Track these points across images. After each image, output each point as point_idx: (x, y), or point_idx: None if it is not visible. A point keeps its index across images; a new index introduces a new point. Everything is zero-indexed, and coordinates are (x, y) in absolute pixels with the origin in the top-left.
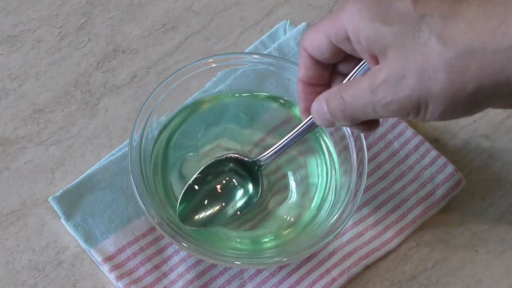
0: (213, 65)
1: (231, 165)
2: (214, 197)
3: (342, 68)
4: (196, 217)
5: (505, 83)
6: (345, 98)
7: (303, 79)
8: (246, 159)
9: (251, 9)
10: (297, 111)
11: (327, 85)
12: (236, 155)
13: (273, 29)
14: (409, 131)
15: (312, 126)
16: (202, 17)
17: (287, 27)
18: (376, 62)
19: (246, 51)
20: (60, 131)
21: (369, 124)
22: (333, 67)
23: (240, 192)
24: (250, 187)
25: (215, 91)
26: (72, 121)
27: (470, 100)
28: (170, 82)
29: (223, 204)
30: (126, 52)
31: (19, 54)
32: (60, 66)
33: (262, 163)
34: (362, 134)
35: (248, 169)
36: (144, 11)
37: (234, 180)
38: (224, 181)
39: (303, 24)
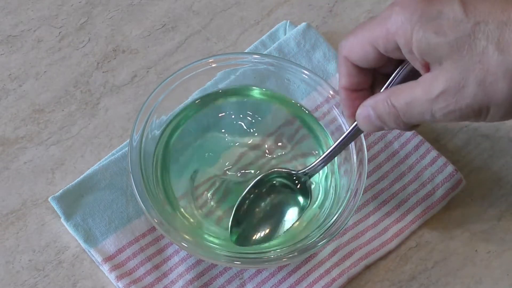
0: (213, 65)
1: (277, 179)
2: (265, 214)
3: (383, 69)
4: (251, 237)
5: None
6: (396, 105)
7: (347, 87)
8: (293, 171)
9: (251, 9)
10: (297, 111)
11: (370, 88)
12: (281, 169)
13: (273, 29)
14: (409, 131)
15: (358, 132)
16: (202, 17)
17: (287, 27)
18: (427, 69)
19: (246, 51)
20: (60, 131)
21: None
22: (374, 69)
23: (289, 205)
24: (300, 198)
25: (215, 89)
26: (72, 121)
27: None
28: (170, 82)
29: (276, 219)
30: (126, 52)
31: (19, 54)
32: (60, 66)
33: (309, 173)
34: (362, 134)
35: (294, 181)
36: (144, 11)
37: (282, 194)
38: (272, 197)
39: (303, 24)
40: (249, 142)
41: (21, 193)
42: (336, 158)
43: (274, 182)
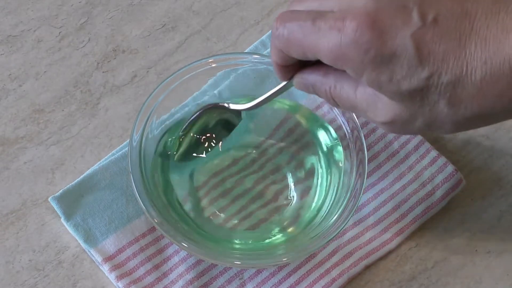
0: (213, 65)
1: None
2: (200, 131)
3: None
4: (181, 149)
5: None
6: (337, 101)
7: (279, 64)
8: (226, 105)
9: (251, 9)
10: (295, 110)
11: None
12: (218, 104)
13: None
14: None
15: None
16: (202, 17)
17: None
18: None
19: (246, 51)
20: (60, 131)
21: None
22: None
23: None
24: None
25: (215, 92)
26: (72, 121)
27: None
28: (170, 82)
29: (208, 135)
30: (126, 52)
31: (19, 54)
32: (60, 66)
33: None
34: (362, 134)
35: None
36: (144, 11)
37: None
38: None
39: None
40: (249, 141)
41: (21, 193)
42: (335, 158)
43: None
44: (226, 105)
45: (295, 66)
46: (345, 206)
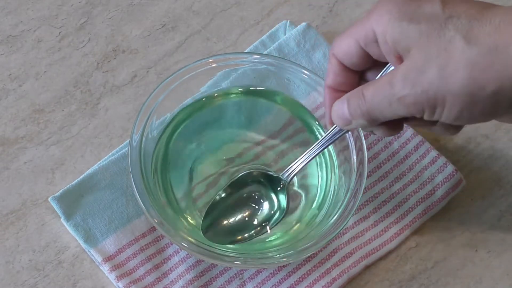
0: (213, 65)
1: (256, 179)
2: (240, 212)
3: (370, 76)
4: (222, 232)
5: None
6: (365, 94)
7: (331, 85)
8: (271, 173)
9: (251, 9)
10: (297, 110)
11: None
12: (261, 170)
13: (273, 29)
14: (409, 131)
15: (336, 135)
16: (202, 17)
17: (287, 27)
18: (401, 62)
19: (246, 51)
20: (60, 131)
21: (391, 127)
22: (361, 74)
23: (266, 207)
24: (275, 202)
25: (217, 88)
26: (72, 121)
27: (489, 102)
28: (170, 82)
29: (250, 219)
30: (126, 52)
31: (19, 54)
32: (60, 66)
33: (287, 179)
34: (362, 134)
35: (272, 183)
36: (144, 11)
37: (260, 194)
38: (250, 195)
39: (303, 24)
40: (248, 142)
41: (21, 193)
42: (336, 158)
43: (252, 182)
44: (270, 172)
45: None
46: (345, 206)
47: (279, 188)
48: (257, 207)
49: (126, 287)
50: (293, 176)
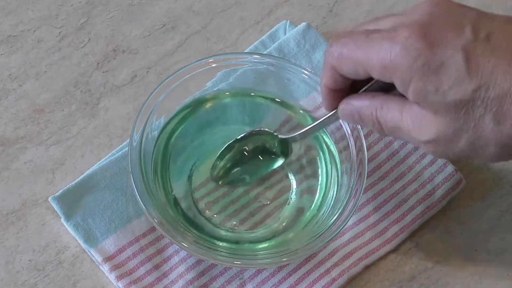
0: (213, 65)
1: (262, 137)
2: (242, 157)
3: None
4: (226, 174)
5: None
6: (382, 122)
7: (329, 87)
8: (276, 133)
9: (251, 9)
10: (295, 110)
11: (351, 88)
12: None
13: (273, 29)
14: None
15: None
16: (202, 17)
17: (287, 27)
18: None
19: (246, 51)
20: (60, 131)
21: None
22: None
23: (265, 155)
24: (277, 153)
25: (214, 89)
26: (72, 121)
27: None
28: (170, 82)
29: (250, 163)
30: (126, 52)
31: (19, 54)
32: (60, 66)
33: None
34: (362, 134)
35: (277, 144)
36: (144, 11)
37: (262, 145)
38: (252, 147)
39: (303, 24)
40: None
41: (21, 193)
42: (336, 158)
43: (258, 139)
44: (274, 132)
45: (342, 93)
46: (345, 206)
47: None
48: (260, 156)
49: (126, 287)
50: (295, 136)
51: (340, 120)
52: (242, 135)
